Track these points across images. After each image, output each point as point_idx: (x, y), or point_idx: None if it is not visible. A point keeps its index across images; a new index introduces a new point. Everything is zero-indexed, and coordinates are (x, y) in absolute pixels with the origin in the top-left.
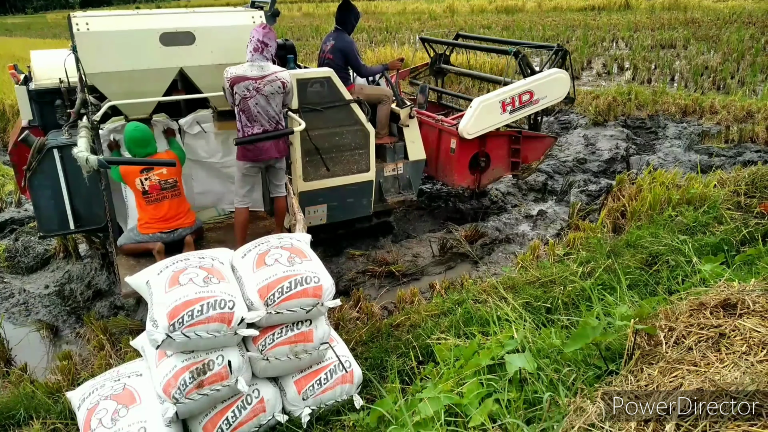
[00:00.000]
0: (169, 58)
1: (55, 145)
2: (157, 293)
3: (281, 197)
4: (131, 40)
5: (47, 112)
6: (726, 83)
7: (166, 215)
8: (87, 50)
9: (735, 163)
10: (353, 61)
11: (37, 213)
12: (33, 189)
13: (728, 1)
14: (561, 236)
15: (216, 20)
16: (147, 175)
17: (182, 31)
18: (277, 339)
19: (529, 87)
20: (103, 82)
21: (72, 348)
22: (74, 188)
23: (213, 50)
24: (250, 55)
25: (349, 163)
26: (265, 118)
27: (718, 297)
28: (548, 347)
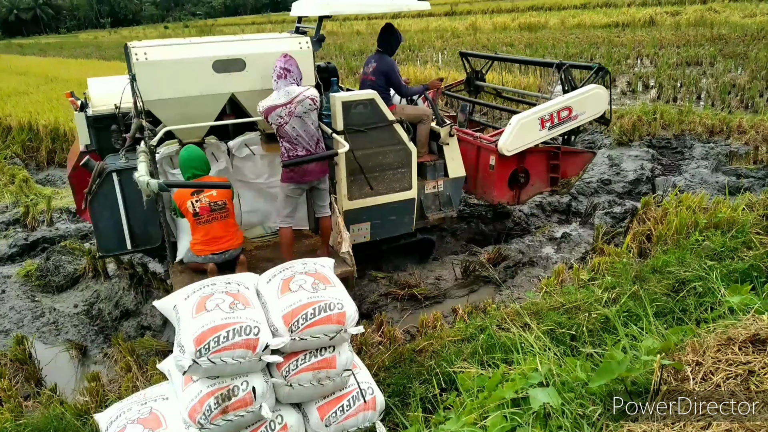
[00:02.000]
0: (221, 84)
1: (114, 169)
2: (184, 318)
3: (326, 217)
4: (186, 68)
5: (103, 137)
6: (754, 102)
7: (215, 236)
8: (145, 78)
9: (764, 185)
10: (395, 83)
11: (96, 233)
12: (93, 211)
13: (756, 16)
14: (586, 260)
15: (265, 47)
16: (198, 197)
17: (233, 58)
18: (300, 365)
19: (567, 103)
20: (160, 109)
21: (100, 369)
22: (131, 210)
23: (262, 76)
24: (275, 83)
25: (392, 181)
26: (305, 138)
27: (747, 331)
28: (573, 380)
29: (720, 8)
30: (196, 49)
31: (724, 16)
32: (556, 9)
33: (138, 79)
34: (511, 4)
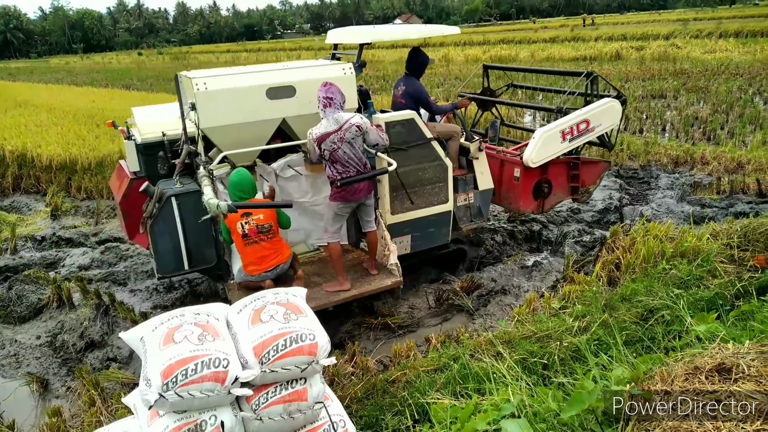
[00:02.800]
0: (274, 109)
1: (173, 194)
2: (151, 351)
3: (372, 231)
4: (243, 96)
5: (151, 164)
6: (716, 134)
7: (264, 255)
8: (205, 107)
9: (727, 215)
10: (425, 103)
11: (156, 256)
12: (154, 234)
13: (716, 53)
14: (556, 288)
15: (313, 74)
16: (247, 220)
17: (285, 85)
18: (271, 398)
19: (586, 116)
20: (217, 134)
21: (62, 403)
22: (188, 232)
23: (310, 100)
24: (322, 112)
25: (430, 195)
26: (354, 161)
27: (713, 360)
28: (545, 411)
29: (682, 44)
30: (250, 78)
31: (686, 51)
32: (526, 42)
33: (198, 108)
34: (483, 37)
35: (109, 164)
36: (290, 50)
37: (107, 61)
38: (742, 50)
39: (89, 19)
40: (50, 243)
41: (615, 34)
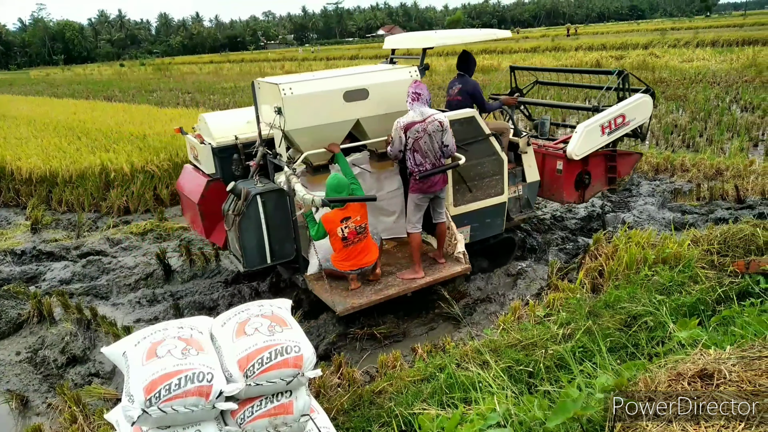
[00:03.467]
0: (350, 111)
1: (258, 193)
2: (134, 366)
3: (442, 223)
4: (323, 99)
5: (226, 166)
6: (695, 141)
7: (360, 254)
8: (291, 110)
9: (707, 221)
10: (479, 101)
11: (243, 251)
12: (241, 230)
13: (693, 61)
14: (541, 296)
15: (383, 77)
16: (346, 224)
17: (359, 88)
18: (256, 412)
19: (622, 111)
20: (300, 136)
21: (43, 421)
22: (271, 228)
23: (380, 102)
24: (410, 105)
25: (488, 188)
26: (432, 153)
27: (696, 366)
28: (530, 420)
29: (660, 53)
30: (329, 83)
31: (665, 60)
32: (508, 52)
33: (285, 111)
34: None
35: (90, 176)
36: (274, 61)
37: (88, 73)
38: (718, 59)
39: (70, 31)
40: (30, 257)
41: (595, 44)
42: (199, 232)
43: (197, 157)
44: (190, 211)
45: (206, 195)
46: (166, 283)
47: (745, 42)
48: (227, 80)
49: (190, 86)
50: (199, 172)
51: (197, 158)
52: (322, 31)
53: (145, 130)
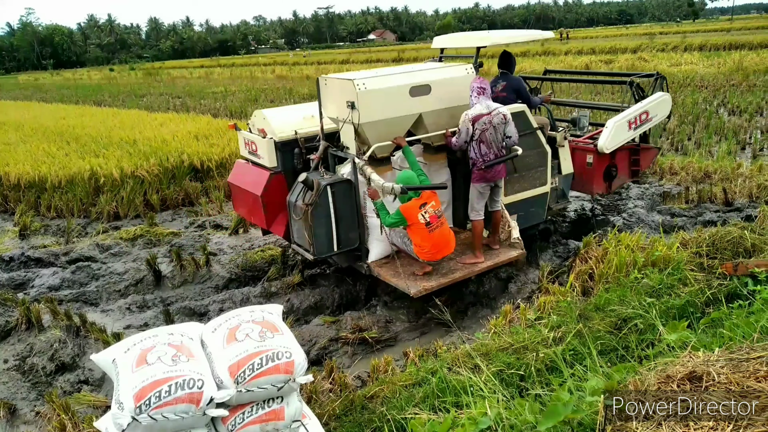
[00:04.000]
0: (414, 106)
1: (328, 183)
2: (123, 373)
3: (498, 211)
4: (393, 95)
5: (287, 159)
6: (683, 145)
7: (443, 242)
8: (364, 104)
9: (696, 224)
10: (525, 96)
11: (314, 239)
12: (313, 219)
13: (681, 65)
14: (532, 299)
15: (444, 74)
16: (425, 209)
17: (423, 84)
18: (247, 418)
19: (646, 108)
20: (370, 129)
21: (31, 429)
22: (339, 217)
23: (439, 97)
24: (476, 98)
25: (534, 178)
26: (496, 144)
27: (685, 369)
28: (522, 423)
29: (648, 57)
30: (397, 78)
31: (653, 64)
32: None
33: (359, 105)
34: (455, 52)
35: (80, 182)
36: (265, 65)
37: (78, 77)
38: (706, 63)
39: (59, 35)
40: (19, 263)
41: (584, 48)
42: (259, 223)
43: (256, 151)
44: (248, 203)
45: (268, 187)
46: (157, 289)
47: (732, 46)
48: (218, 85)
49: (180, 91)
50: (257, 166)
51: (255, 152)
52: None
53: (135, 135)
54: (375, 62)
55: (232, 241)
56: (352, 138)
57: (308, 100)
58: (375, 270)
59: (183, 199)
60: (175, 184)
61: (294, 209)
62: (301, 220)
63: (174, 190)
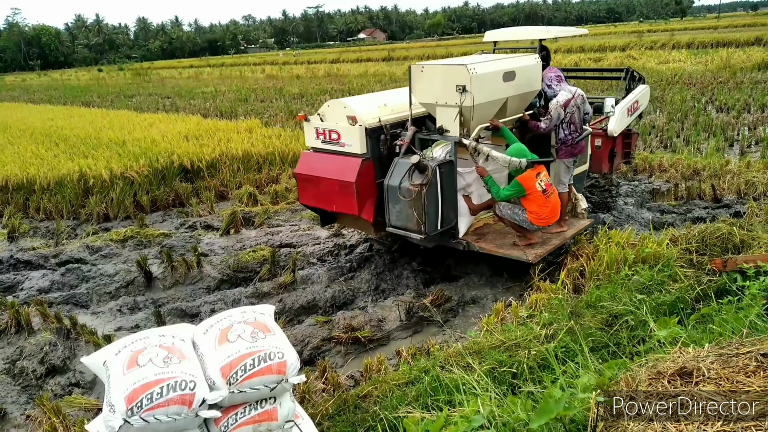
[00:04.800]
0: (505, 90)
1: (438, 164)
2: (114, 375)
3: (566, 192)
4: (495, 79)
5: (374, 145)
6: (672, 142)
7: (554, 209)
8: (475, 87)
9: (685, 220)
10: None
11: (426, 218)
12: (427, 199)
13: (670, 63)
14: (523, 297)
15: (524, 62)
16: (540, 179)
17: (511, 70)
18: (240, 419)
19: (637, 97)
20: (477, 111)
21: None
22: (444, 196)
23: (520, 83)
24: (557, 86)
25: (581, 157)
26: (578, 124)
27: (675, 365)
28: (514, 421)
29: (637, 55)
30: (495, 65)
31: (642, 62)
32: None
33: (471, 88)
34: (446, 51)
35: (69, 183)
36: (254, 65)
37: (66, 78)
38: (694, 61)
39: (46, 36)
40: (8, 266)
41: (573, 46)
42: (348, 210)
43: (338, 140)
44: (332, 192)
45: (361, 174)
46: (148, 291)
47: (719, 44)
48: (207, 85)
49: (169, 91)
50: (337, 155)
51: (337, 141)
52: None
53: (124, 136)
54: (365, 61)
55: (224, 241)
56: (453, 121)
57: (299, 100)
58: (476, 245)
59: (173, 200)
60: (165, 185)
61: (400, 191)
62: (410, 201)
63: (164, 191)
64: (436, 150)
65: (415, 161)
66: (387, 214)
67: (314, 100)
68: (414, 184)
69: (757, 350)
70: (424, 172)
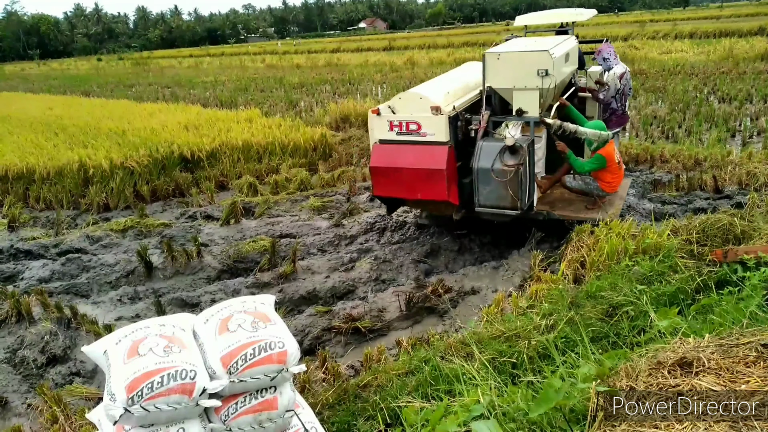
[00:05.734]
0: (566, 70)
1: (529, 143)
2: (115, 364)
3: None
4: (563, 61)
5: (455, 132)
6: (674, 132)
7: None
8: (555, 70)
9: (687, 211)
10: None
11: (521, 194)
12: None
13: (672, 53)
14: (524, 288)
15: (572, 43)
16: (615, 151)
17: (567, 52)
18: (240, 408)
19: None
20: (556, 91)
21: (22, 422)
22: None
23: (572, 63)
24: (614, 60)
25: None
26: (627, 94)
27: (675, 354)
28: (514, 410)
29: (639, 45)
30: (561, 47)
31: (644, 52)
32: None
33: (553, 71)
34: (447, 40)
35: (69, 173)
36: (254, 54)
37: (65, 68)
38: (696, 51)
39: (45, 25)
40: (8, 256)
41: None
42: (438, 197)
43: (418, 130)
44: (418, 181)
45: (449, 160)
46: (148, 281)
47: (722, 34)
48: (207, 74)
49: (169, 80)
50: (415, 145)
51: (417, 131)
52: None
53: (124, 126)
54: (366, 51)
55: (224, 231)
56: (533, 103)
57: (299, 89)
58: (555, 213)
59: (173, 190)
60: (165, 175)
61: (494, 173)
62: (505, 181)
63: (164, 181)
64: (511, 130)
65: (510, 143)
66: (476, 196)
67: (314, 89)
68: (508, 164)
69: (757, 341)
70: (515, 152)
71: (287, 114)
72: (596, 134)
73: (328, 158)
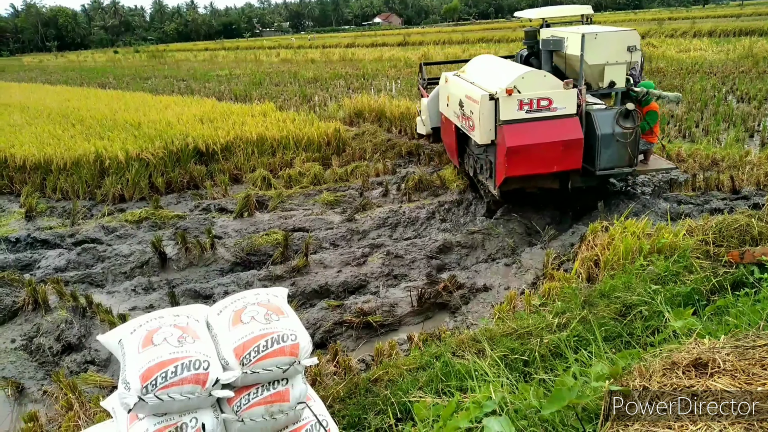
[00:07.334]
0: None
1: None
2: (129, 353)
3: None
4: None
5: None
6: (691, 132)
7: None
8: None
9: (702, 211)
10: None
11: (635, 153)
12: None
13: (690, 51)
14: (537, 285)
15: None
16: None
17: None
18: (252, 399)
19: None
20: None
21: (38, 408)
22: None
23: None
24: None
25: None
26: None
27: (690, 356)
28: (526, 408)
29: (657, 43)
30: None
31: (662, 50)
32: (505, 41)
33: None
34: (462, 36)
35: (85, 164)
36: (269, 48)
37: (82, 60)
38: (715, 49)
39: (63, 17)
40: (25, 244)
41: None
42: (573, 165)
43: (549, 105)
44: (558, 153)
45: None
46: (162, 271)
47: (742, 32)
48: (222, 68)
49: (184, 74)
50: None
51: (548, 107)
52: (318, 19)
53: (139, 118)
54: (380, 46)
55: (237, 224)
56: (621, 74)
57: (313, 84)
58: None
59: (188, 182)
60: (180, 167)
61: (616, 136)
62: (625, 142)
63: (179, 173)
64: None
65: (631, 108)
66: (597, 160)
67: (329, 84)
68: (626, 127)
69: None
70: (628, 116)
71: (301, 108)
72: (669, 96)
73: (341, 153)
